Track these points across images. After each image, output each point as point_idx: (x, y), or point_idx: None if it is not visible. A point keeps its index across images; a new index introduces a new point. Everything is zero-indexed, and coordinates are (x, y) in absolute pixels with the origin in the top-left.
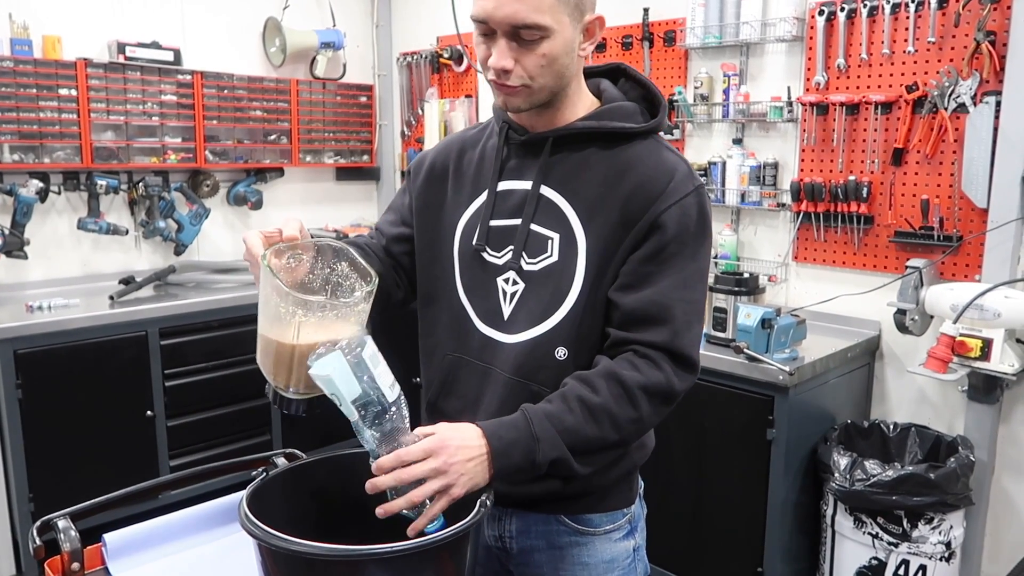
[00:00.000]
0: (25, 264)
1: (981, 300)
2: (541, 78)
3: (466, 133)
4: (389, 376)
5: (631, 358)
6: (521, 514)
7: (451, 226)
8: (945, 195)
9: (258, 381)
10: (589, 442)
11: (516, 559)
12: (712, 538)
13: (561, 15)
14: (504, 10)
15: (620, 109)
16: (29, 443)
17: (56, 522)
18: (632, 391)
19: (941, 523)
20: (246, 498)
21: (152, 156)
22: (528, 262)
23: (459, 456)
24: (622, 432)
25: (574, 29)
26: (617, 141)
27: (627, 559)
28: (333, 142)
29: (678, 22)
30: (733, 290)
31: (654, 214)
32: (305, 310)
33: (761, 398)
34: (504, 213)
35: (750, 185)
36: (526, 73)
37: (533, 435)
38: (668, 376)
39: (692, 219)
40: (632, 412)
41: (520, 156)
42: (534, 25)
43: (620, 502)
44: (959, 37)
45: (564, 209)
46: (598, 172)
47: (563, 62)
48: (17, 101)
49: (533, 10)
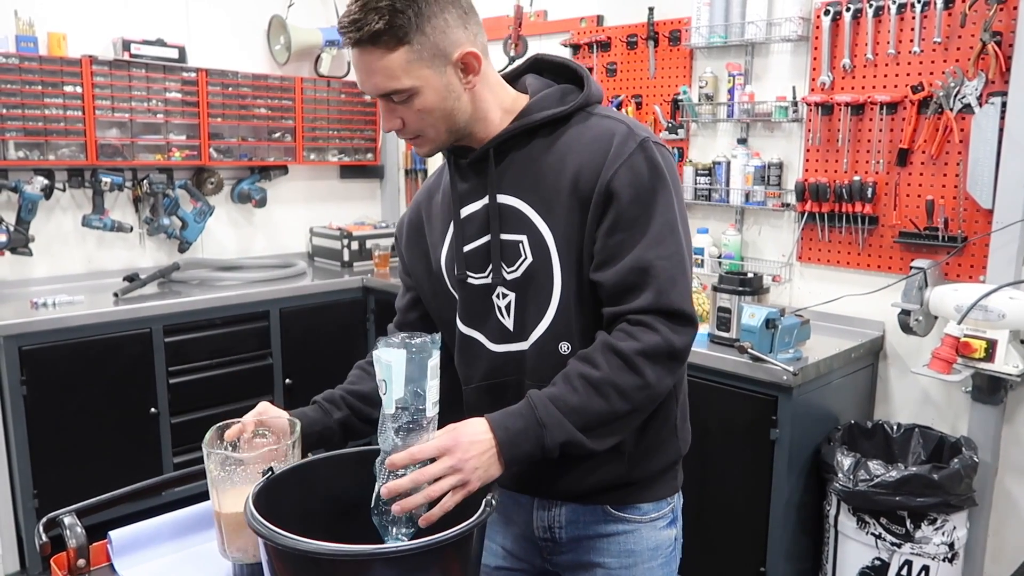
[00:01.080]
0: (30, 261)
1: (986, 301)
2: (430, 129)
3: (428, 183)
4: (436, 394)
5: (625, 328)
6: (571, 506)
7: (437, 268)
8: (950, 196)
9: (261, 378)
10: (599, 417)
11: (564, 547)
12: (715, 538)
13: (420, 71)
14: (367, 85)
15: (545, 98)
16: (33, 439)
17: (62, 518)
18: (631, 359)
19: (944, 524)
20: (252, 496)
21: (157, 153)
22: (508, 271)
23: (472, 451)
24: (632, 401)
25: (443, 75)
26: (553, 128)
27: (670, 547)
28: (337, 140)
29: (683, 21)
30: (737, 290)
31: (603, 183)
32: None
33: (765, 398)
34: (473, 235)
35: (754, 185)
36: (414, 128)
37: (539, 421)
38: (665, 336)
39: (643, 175)
40: (637, 379)
41: (471, 178)
42: (394, 91)
43: (666, 491)
44: (965, 37)
45: (523, 210)
46: (543, 164)
47: (443, 107)
48: (22, 98)
49: (388, 79)
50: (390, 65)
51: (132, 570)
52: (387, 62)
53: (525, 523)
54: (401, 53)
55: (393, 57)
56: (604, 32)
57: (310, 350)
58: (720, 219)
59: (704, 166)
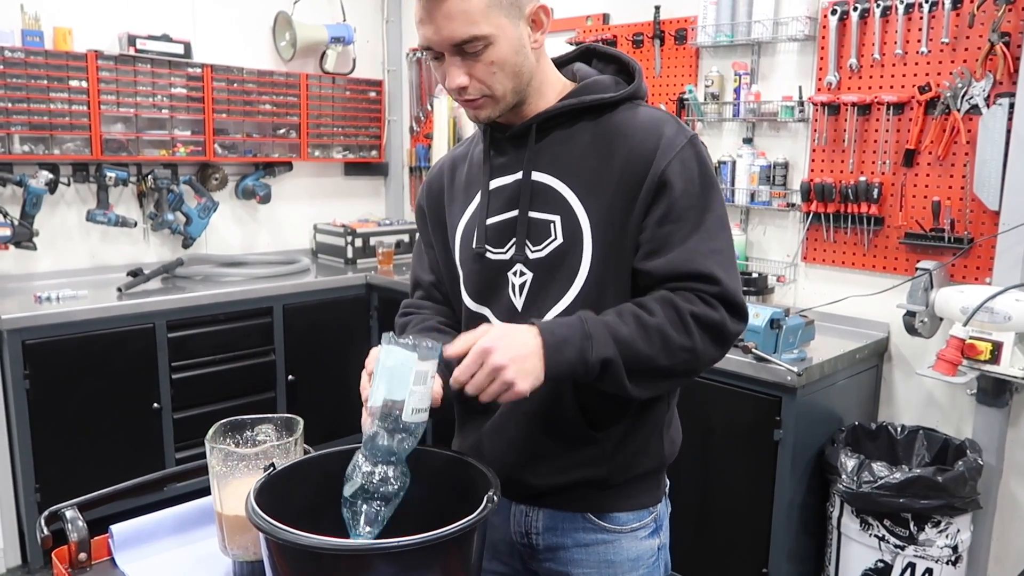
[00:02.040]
0: (34, 255)
1: (992, 303)
2: (498, 84)
3: (455, 151)
4: (422, 402)
5: (687, 294)
6: (548, 511)
7: (452, 234)
8: (956, 197)
9: (264, 375)
10: (640, 359)
11: (542, 555)
12: (717, 538)
13: (498, 19)
14: (441, 33)
15: (596, 83)
16: (36, 434)
17: (64, 512)
18: (686, 318)
19: (948, 526)
20: (253, 492)
21: (161, 149)
22: (533, 250)
23: (511, 351)
24: (674, 358)
25: (517, 27)
26: (599, 113)
27: (651, 558)
28: (342, 137)
29: (689, 20)
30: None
31: (656, 173)
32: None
33: (769, 398)
34: (499, 209)
35: (760, 185)
36: (482, 84)
37: (586, 333)
38: (722, 316)
39: (694, 170)
40: (686, 340)
41: (507, 152)
42: (472, 38)
43: (648, 500)
44: (973, 38)
45: (560, 190)
46: (587, 147)
47: (515, 62)
48: (28, 92)
49: (467, 23)
50: (470, 9)
51: (133, 564)
52: (467, 5)
53: (503, 527)
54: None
55: (475, 1)
56: (610, 30)
57: (313, 347)
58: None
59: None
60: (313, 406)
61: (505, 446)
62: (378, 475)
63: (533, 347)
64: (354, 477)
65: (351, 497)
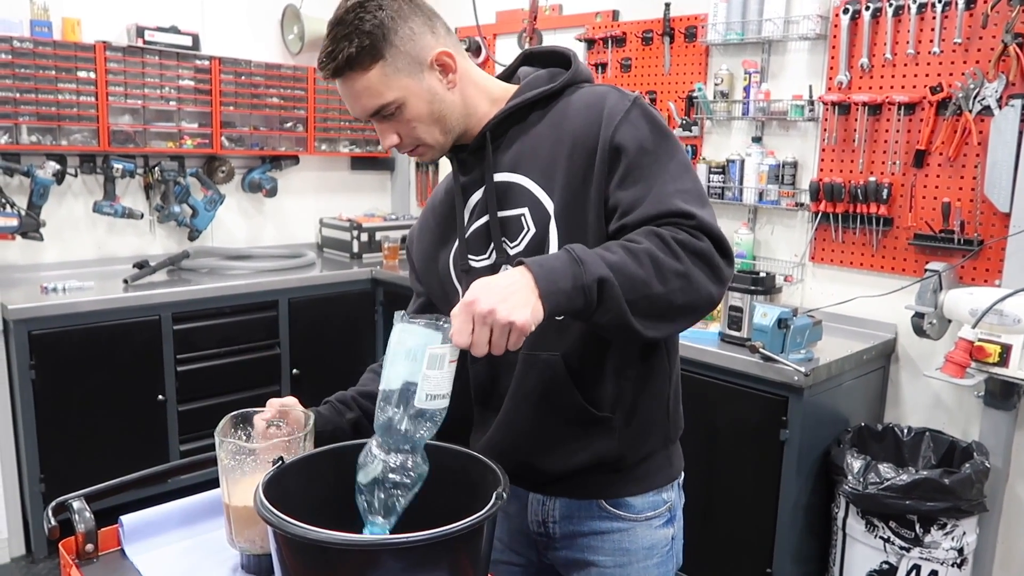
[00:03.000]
0: (41, 246)
1: (1001, 305)
2: (425, 134)
3: (435, 192)
4: (438, 388)
5: (669, 227)
6: (564, 500)
7: (444, 267)
8: (967, 198)
9: (268, 368)
10: (635, 283)
11: (559, 543)
12: (722, 538)
13: (400, 81)
14: (356, 109)
15: (535, 79)
16: (41, 424)
17: (71, 503)
18: (672, 244)
19: (954, 529)
20: (262, 485)
21: (168, 141)
22: (512, 246)
23: (496, 294)
24: (668, 283)
25: (422, 81)
26: (546, 104)
27: (665, 547)
28: (349, 131)
29: (699, 18)
30: (749, 289)
31: (606, 140)
32: (231, 458)
33: (775, 398)
34: (474, 219)
35: (768, 184)
36: (410, 137)
37: (576, 259)
38: (708, 245)
39: (645, 128)
40: (676, 264)
41: (474, 168)
42: (382, 106)
43: (660, 479)
44: (986, 39)
45: (522, 183)
46: (539, 136)
47: (431, 111)
48: (36, 83)
49: (373, 96)
50: (370, 83)
51: (143, 556)
52: (366, 81)
53: (520, 517)
54: (378, 69)
55: (371, 75)
56: (619, 27)
57: (318, 341)
58: (733, 218)
59: (718, 164)
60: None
61: (516, 438)
62: (392, 463)
63: (520, 283)
64: (367, 465)
65: (365, 485)
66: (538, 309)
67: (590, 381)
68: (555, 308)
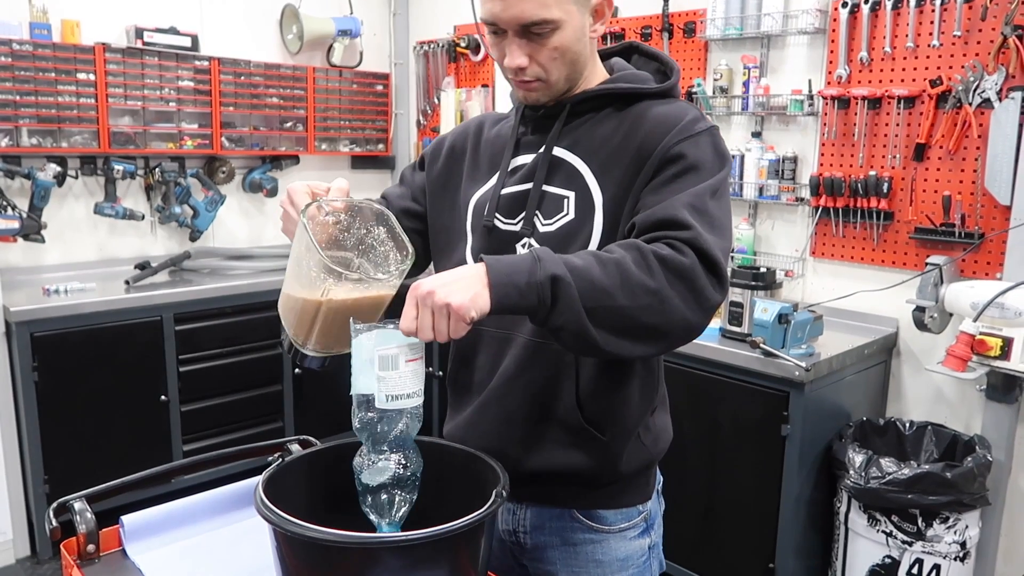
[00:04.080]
0: (42, 248)
1: (1002, 298)
2: (555, 70)
3: (487, 116)
4: (397, 388)
5: (657, 243)
6: (536, 508)
7: (464, 204)
8: (967, 191)
9: (271, 368)
10: (596, 290)
11: (529, 554)
12: (724, 533)
13: (568, 5)
14: (511, 11)
15: (631, 75)
16: (45, 426)
17: (72, 504)
18: (649, 258)
19: (956, 523)
20: (262, 484)
21: (169, 142)
22: (544, 223)
23: (445, 278)
24: (635, 299)
25: (583, 15)
26: (631, 103)
27: (642, 557)
28: (349, 130)
29: (698, 13)
30: (750, 284)
31: (665, 148)
32: (336, 278)
33: (776, 393)
34: (515, 181)
35: (768, 179)
36: (540, 67)
37: (535, 257)
38: (692, 262)
39: (707, 152)
40: (648, 279)
41: (536, 132)
42: (542, 21)
43: (635, 498)
44: (985, 31)
45: (578, 166)
46: (611, 128)
47: (575, 50)
48: (36, 85)
49: (539, 6)
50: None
51: (144, 556)
52: None
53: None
54: None
55: None
56: (618, 23)
57: None
58: (733, 213)
59: None
60: (320, 399)
61: (498, 424)
62: (382, 463)
63: (471, 273)
64: (362, 469)
65: (364, 491)
66: (482, 298)
67: (590, 389)
68: (504, 300)
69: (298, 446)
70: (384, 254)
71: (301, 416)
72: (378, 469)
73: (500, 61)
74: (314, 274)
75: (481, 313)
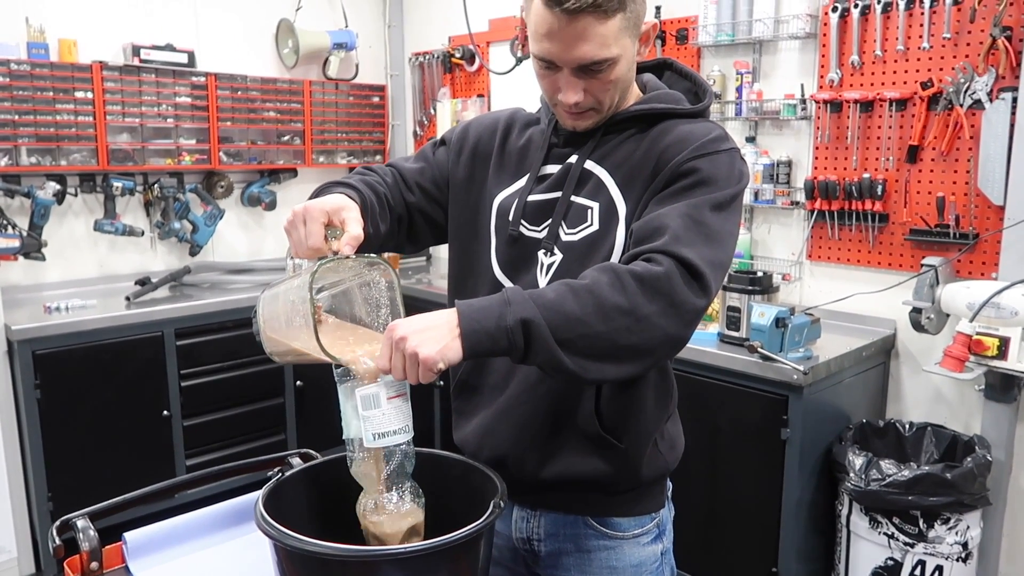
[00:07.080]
0: (43, 265)
1: (998, 298)
2: (608, 100)
3: (517, 115)
4: (382, 426)
5: (635, 260)
6: (550, 515)
7: (489, 203)
8: (961, 192)
9: (272, 381)
10: (569, 322)
11: (544, 562)
12: (726, 538)
13: (624, 39)
14: (573, 54)
15: (665, 95)
16: (48, 443)
17: (75, 521)
18: (623, 277)
19: (958, 523)
20: (262, 498)
21: (167, 158)
22: (568, 232)
23: (416, 325)
24: (610, 322)
25: (635, 43)
26: (657, 121)
27: (655, 563)
28: (346, 142)
29: (690, 20)
30: (747, 289)
31: (681, 161)
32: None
33: (775, 397)
34: (543, 189)
35: (763, 183)
36: (594, 98)
37: (505, 300)
38: (668, 271)
39: (722, 169)
40: (621, 300)
41: (568, 144)
42: (603, 60)
43: (650, 506)
44: (975, 33)
45: (603, 178)
46: (637, 142)
47: (627, 79)
48: (34, 104)
49: (600, 47)
50: (606, 32)
51: (147, 572)
52: (604, 29)
53: (506, 532)
54: (617, 20)
55: (610, 24)
56: None
57: None
58: None
59: None
60: (322, 412)
61: (515, 430)
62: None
63: (443, 320)
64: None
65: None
66: (453, 348)
67: (608, 396)
68: (476, 348)
69: (299, 460)
70: (376, 302)
71: (303, 428)
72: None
73: (550, 93)
74: (299, 323)
75: (450, 363)
